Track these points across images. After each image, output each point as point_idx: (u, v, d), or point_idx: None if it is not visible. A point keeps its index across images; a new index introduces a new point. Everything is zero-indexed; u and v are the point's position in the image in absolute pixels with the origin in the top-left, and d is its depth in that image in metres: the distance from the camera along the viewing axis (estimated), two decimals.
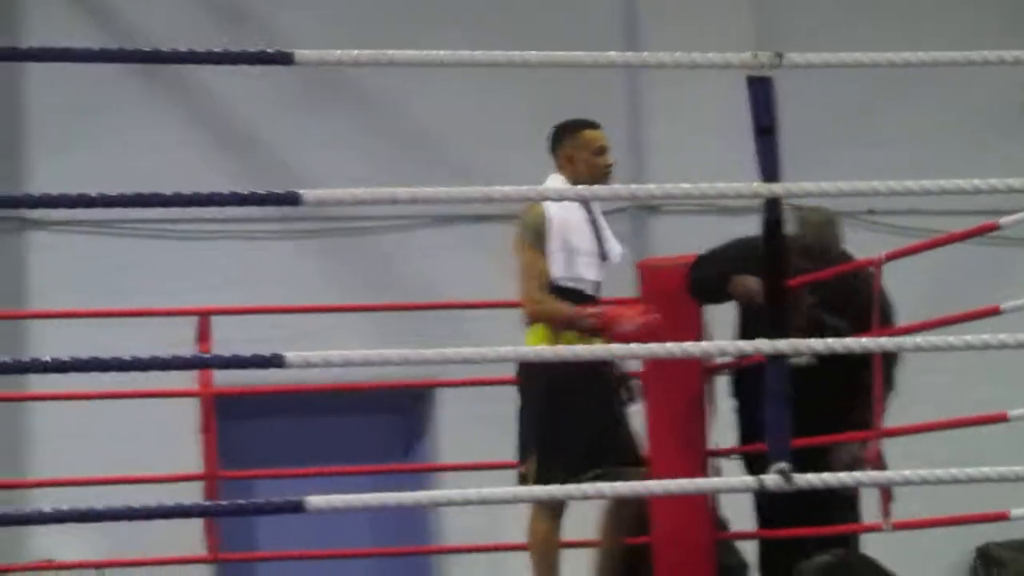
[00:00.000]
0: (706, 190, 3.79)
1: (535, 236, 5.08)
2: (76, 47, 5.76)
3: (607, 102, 7.34)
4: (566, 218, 5.06)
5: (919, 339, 4.91)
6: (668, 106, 8.23)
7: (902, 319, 5.78)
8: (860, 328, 5.21)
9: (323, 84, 7.96)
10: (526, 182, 5.47)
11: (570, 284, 5.06)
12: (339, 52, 4.77)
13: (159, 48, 6.47)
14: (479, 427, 7.31)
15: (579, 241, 5.10)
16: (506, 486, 5.59)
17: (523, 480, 5.10)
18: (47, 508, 5.97)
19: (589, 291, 5.14)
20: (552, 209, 5.05)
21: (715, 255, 5.69)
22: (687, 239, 6.31)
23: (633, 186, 4.86)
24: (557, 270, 5.04)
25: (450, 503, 7.00)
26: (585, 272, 5.09)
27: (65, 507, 5.24)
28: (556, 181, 5.15)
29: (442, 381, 7.29)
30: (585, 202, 5.17)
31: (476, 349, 5.08)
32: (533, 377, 5.04)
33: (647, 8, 8.49)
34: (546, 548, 5.16)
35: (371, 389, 7.03)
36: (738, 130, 4.38)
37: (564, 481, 4.85)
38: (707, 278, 5.58)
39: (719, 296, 5.59)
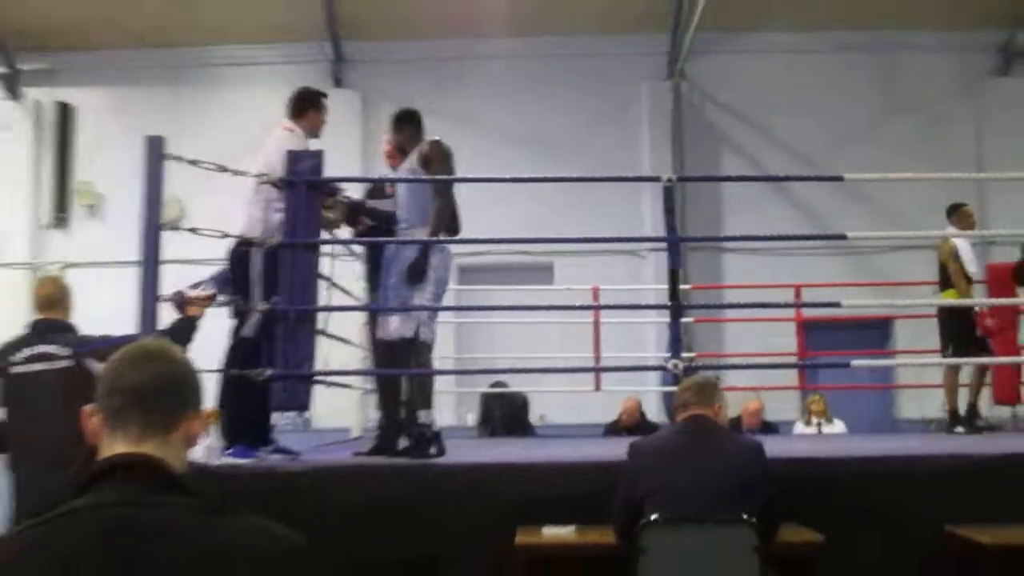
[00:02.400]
0: None
1: (954, 253, 7.89)
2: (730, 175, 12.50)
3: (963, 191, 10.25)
4: (962, 246, 7.93)
5: None
6: (1003, 194, 11.87)
7: None
8: None
9: (841, 188, 11.88)
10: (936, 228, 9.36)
11: (967, 270, 7.91)
12: (869, 175, 10.44)
13: (775, 174, 12.76)
14: (911, 338, 11.00)
15: (965, 255, 7.95)
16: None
17: (947, 356, 7.77)
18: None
19: (972, 275, 7.89)
20: (955, 242, 7.90)
21: None
22: (1011, 256, 8.92)
23: (983, 231, 9.10)
24: (966, 266, 7.92)
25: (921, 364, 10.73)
26: (970, 268, 7.93)
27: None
28: (952, 229, 7.95)
29: (896, 316, 11.28)
30: (964, 239, 7.98)
31: (917, 300, 9.44)
32: (952, 311, 7.63)
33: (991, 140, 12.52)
34: (955, 383, 8.02)
35: (855, 319, 11.10)
36: None
37: (965, 355, 7.65)
38: (1019, 272, 8.34)
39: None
